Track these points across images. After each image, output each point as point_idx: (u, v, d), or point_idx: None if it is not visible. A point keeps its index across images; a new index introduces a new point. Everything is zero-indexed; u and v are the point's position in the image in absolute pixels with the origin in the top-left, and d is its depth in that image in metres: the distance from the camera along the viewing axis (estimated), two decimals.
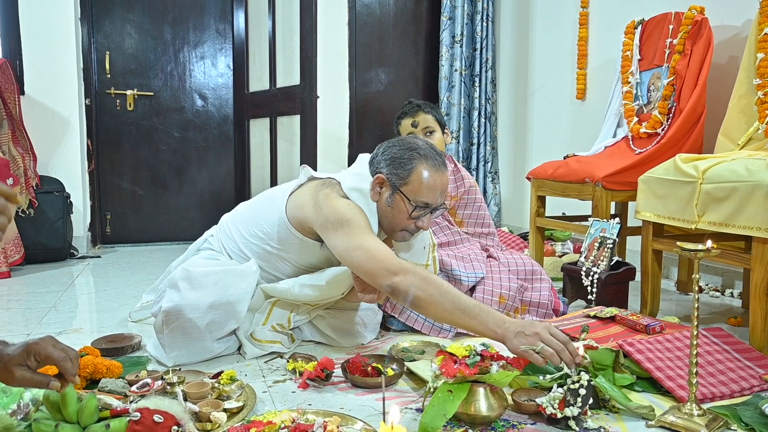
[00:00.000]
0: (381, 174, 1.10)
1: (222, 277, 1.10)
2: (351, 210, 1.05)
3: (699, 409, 0.84)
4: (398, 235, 1.13)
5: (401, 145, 1.11)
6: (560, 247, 2.23)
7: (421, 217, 1.09)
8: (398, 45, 3.02)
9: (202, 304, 1.06)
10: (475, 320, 0.91)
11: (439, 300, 0.92)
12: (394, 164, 1.09)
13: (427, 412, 0.80)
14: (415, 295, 0.93)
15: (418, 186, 1.07)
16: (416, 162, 1.07)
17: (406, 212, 1.08)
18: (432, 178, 1.07)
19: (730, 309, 1.63)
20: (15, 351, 0.67)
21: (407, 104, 1.50)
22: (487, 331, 0.90)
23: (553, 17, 2.65)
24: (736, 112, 1.53)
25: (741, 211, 1.15)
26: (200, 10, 2.82)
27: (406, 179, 1.07)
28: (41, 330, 1.38)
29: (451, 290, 0.94)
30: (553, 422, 0.85)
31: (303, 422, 0.78)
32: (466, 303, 0.92)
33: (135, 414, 0.73)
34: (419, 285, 0.93)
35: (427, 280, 0.94)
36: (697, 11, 1.73)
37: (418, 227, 1.11)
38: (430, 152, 1.10)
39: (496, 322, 0.89)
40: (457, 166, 1.55)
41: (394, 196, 1.09)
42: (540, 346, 0.83)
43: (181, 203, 2.85)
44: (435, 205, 1.10)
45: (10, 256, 2.07)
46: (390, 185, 1.09)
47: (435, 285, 0.93)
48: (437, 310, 0.94)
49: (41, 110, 2.40)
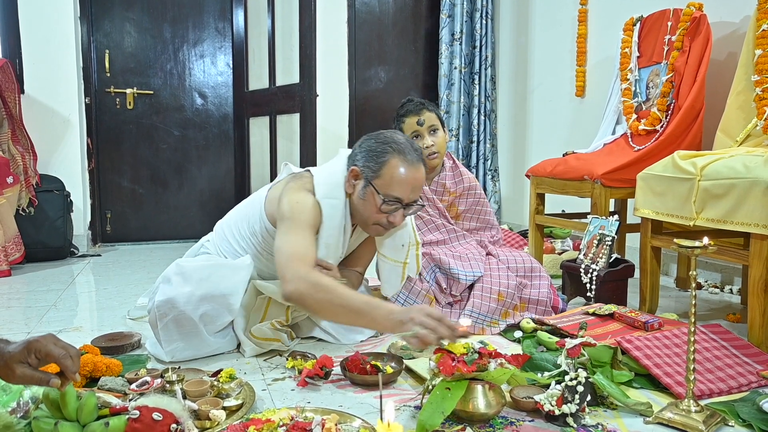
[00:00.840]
0: (356, 166, 1.10)
1: (214, 270, 1.11)
2: (300, 206, 1.06)
3: (697, 406, 0.84)
4: (371, 228, 1.13)
5: (378, 138, 1.11)
6: (560, 245, 2.23)
7: (393, 212, 1.08)
8: (398, 43, 3.01)
9: (194, 296, 1.06)
10: (366, 318, 0.94)
11: (329, 306, 0.96)
12: (369, 157, 1.09)
13: (425, 409, 0.81)
14: (306, 303, 0.98)
15: (389, 180, 1.06)
16: (390, 155, 1.07)
17: (377, 206, 1.07)
18: (404, 172, 1.06)
19: (729, 305, 1.63)
20: (16, 349, 0.67)
21: (408, 102, 1.49)
22: (378, 326, 0.95)
23: (552, 14, 2.65)
24: (735, 109, 1.53)
25: (739, 208, 1.15)
26: (199, 8, 2.81)
27: (379, 172, 1.07)
28: (41, 328, 1.38)
29: (342, 294, 0.96)
30: (551, 419, 0.85)
31: (301, 420, 0.78)
32: (355, 303, 0.94)
33: (134, 412, 0.73)
34: (309, 292, 0.96)
35: (317, 287, 0.96)
36: (696, 8, 1.73)
37: (390, 222, 1.10)
38: (407, 147, 1.09)
39: (384, 315, 0.92)
40: (456, 162, 1.55)
41: (366, 189, 1.08)
42: (415, 330, 0.86)
43: (181, 202, 2.85)
44: (407, 200, 1.08)
45: (11, 255, 2.07)
46: (363, 178, 1.09)
47: (325, 290, 0.96)
48: (330, 314, 0.99)
49: (41, 109, 2.40)
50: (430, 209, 1.48)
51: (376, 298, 1.00)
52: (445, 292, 1.36)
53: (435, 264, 1.37)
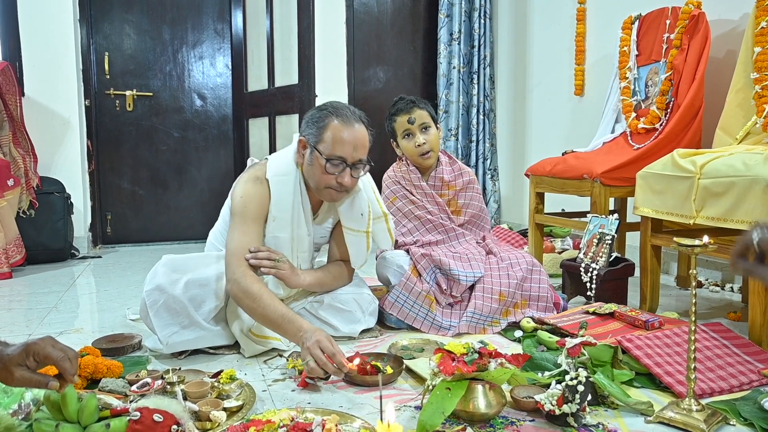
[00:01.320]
0: (303, 137, 1.17)
1: (200, 260, 1.17)
2: (245, 199, 1.15)
3: (698, 405, 0.84)
4: (324, 193, 1.17)
5: (319, 107, 1.18)
6: (559, 244, 2.23)
7: (340, 173, 1.13)
8: (396, 43, 3.01)
9: (181, 281, 1.11)
10: (280, 330, 1.05)
11: (254, 313, 1.07)
12: (311, 124, 1.16)
13: (425, 409, 0.81)
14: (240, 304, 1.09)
15: (330, 141, 1.12)
16: (329, 119, 1.13)
17: (323, 168, 1.13)
18: (343, 131, 1.12)
19: (730, 304, 1.63)
20: (14, 351, 0.68)
21: (400, 100, 1.49)
22: (289, 337, 1.05)
23: (550, 13, 2.65)
24: (734, 107, 1.53)
25: (739, 206, 1.15)
26: (198, 10, 2.82)
27: (321, 136, 1.13)
28: (42, 330, 1.39)
29: (265, 304, 1.05)
30: (552, 419, 0.85)
31: (302, 421, 0.78)
32: (273, 315, 1.05)
33: (135, 413, 0.73)
34: (240, 297, 1.08)
35: (246, 293, 1.07)
36: (694, 6, 1.72)
37: (340, 183, 1.14)
38: (345, 109, 1.15)
39: (293, 332, 1.02)
40: (452, 158, 1.56)
41: (312, 155, 1.14)
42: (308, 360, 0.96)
43: (181, 203, 2.85)
44: (351, 159, 1.13)
45: (12, 257, 2.07)
46: (309, 145, 1.15)
47: (251, 299, 1.06)
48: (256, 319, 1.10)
49: (41, 111, 2.40)
50: (430, 205, 1.48)
51: (292, 314, 1.05)
52: (445, 293, 1.36)
53: (435, 265, 1.37)
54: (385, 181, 1.53)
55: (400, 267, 1.38)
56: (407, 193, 1.49)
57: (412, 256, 1.39)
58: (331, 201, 1.20)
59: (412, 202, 1.48)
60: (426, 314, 1.32)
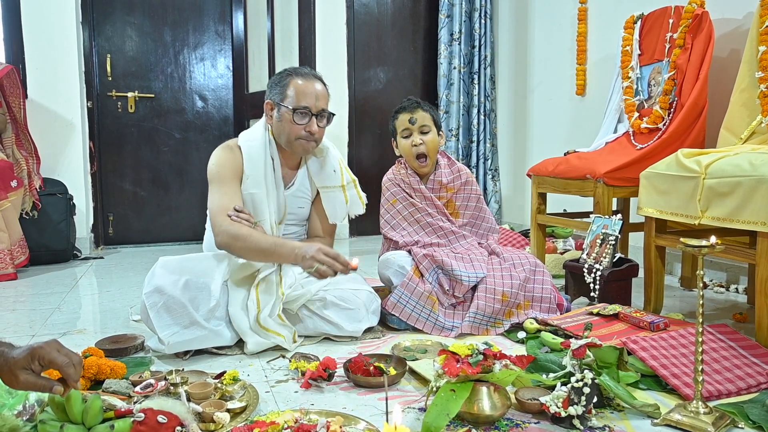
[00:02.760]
0: (268, 100, 1.29)
1: (196, 262, 1.20)
2: (218, 165, 1.25)
3: (705, 407, 0.83)
4: (296, 145, 1.27)
5: (277, 73, 1.32)
6: (561, 244, 2.22)
7: (308, 122, 1.25)
8: (396, 43, 3.01)
9: (180, 282, 1.14)
10: (275, 255, 1.16)
11: (247, 252, 1.16)
12: (273, 86, 1.29)
13: (430, 411, 0.80)
14: (230, 247, 1.17)
15: (294, 95, 1.25)
16: (289, 78, 1.27)
17: (291, 120, 1.24)
18: (304, 84, 1.25)
19: (735, 305, 1.62)
20: (20, 354, 0.68)
21: (406, 100, 1.51)
22: (285, 260, 1.17)
23: (551, 13, 2.64)
24: (739, 106, 1.52)
25: (745, 206, 1.15)
26: (199, 11, 2.82)
27: (284, 93, 1.26)
28: (46, 331, 1.39)
29: (255, 240, 1.16)
30: (558, 421, 0.85)
31: (306, 422, 0.78)
32: (265, 245, 1.16)
33: (139, 415, 0.73)
34: (231, 243, 1.17)
35: (236, 237, 1.16)
36: (698, 4, 1.72)
37: (309, 132, 1.26)
38: (301, 69, 1.31)
39: (288, 252, 1.14)
40: (451, 159, 1.56)
41: (280, 112, 1.26)
42: (316, 266, 1.08)
43: (183, 204, 2.85)
44: (315, 109, 1.26)
45: (17, 258, 2.08)
46: (275, 104, 1.28)
47: (242, 240, 1.16)
48: (251, 257, 1.18)
49: (44, 113, 2.41)
50: (430, 208, 1.48)
51: (282, 239, 1.19)
52: (447, 294, 1.35)
53: (437, 265, 1.36)
54: (385, 183, 1.53)
55: (402, 267, 1.37)
56: (407, 195, 1.48)
57: (414, 256, 1.38)
58: (304, 153, 1.30)
59: (412, 204, 1.48)
60: (428, 315, 1.32)
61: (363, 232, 2.98)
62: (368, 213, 1.38)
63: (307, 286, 1.25)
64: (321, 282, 1.22)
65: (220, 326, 1.16)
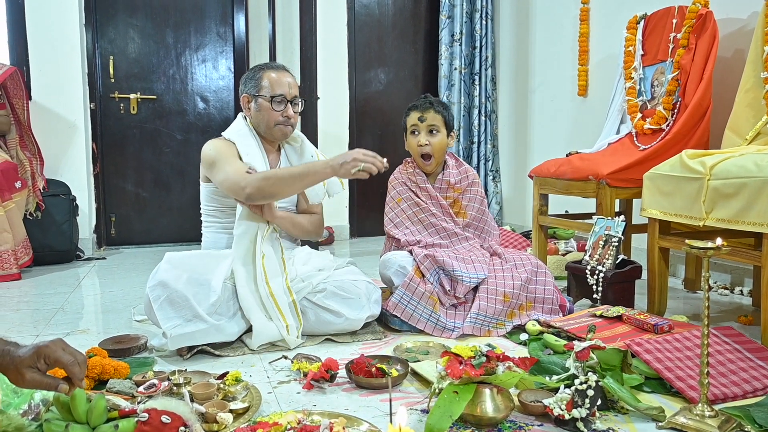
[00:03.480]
0: (244, 95, 1.39)
1: (199, 259, 1.24)
2: (218, 148, 1.32)
3: (711, 410, 0.82)
4: (276, 131, 1.37)
5: (249, 70, 1.43)
6: (563, 246, 2.21)
7: (284, 108, 1.36)
8: (397, 44, 3.01)
9: (183, 276, 1.17)
10: (310, 175, 1.24)
11: (282, 184, 1.24)
12: (247, 82, 1.39)
13: (433, 413, 0.80)
14: (265, 192, 1.24)
15: (268, 85, 1.36)
16: (261, 71, 1.38)
17: (270, 107, 1.35)
18: (277, 75, 1.37)
19: (740, 307, 1.61)
20: (26, 353, 0.68)
21: (422, 98, 1.52)
22: (321, 176, 1.24)
23: (552, 14, 2.64)
24: (744, 107, 1.51)
25: (751, 208, 1.14)
26: (201, 13, 2.83)
27: (259, 85, 1.37)
28: (49, 331, 1.39)
29: (284, 171, 1.27)
30: (561, 424, 0.84)
31: (309, 423, 0.78)
32: (297, 171, 1.26)
33: (143, 415, 0.73)
34: (263, 185, 1.23)
35: (266, 178, 1.24)
36: (702, 4, 1.71)
37: (287, 117, 1.36)
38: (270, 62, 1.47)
39: (323, 166, 1.23)
40: (458, 160, 1.57)
41: (257, 103, 1.37)
42: (361, 165, 1.18)
43: (184, 205, 2.86)
44: (289, 96, 1.37)
45: (20, 258, 2.08)
46: (252, 97, 1.38)
47: (272, 176, 1.25)
48: (286, 190, 1.27)
49: (48, 115, 2.41)
50: (434, 208, 1.48)
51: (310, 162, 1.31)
52: (448, 294, 1.35)
53: (438, 266, 1.36)
54: (391, 182, 1.53)
55: (403, 268, 1.37)
56: (412, 194, 1.49)
57: (416, 256, 1.38)
58: (283, 137, 1.40)
59: (416, 204, 1.48)
60: (429, 315, 1.32)
61: (363, 234, 2.98)
62: (368, 214, 1.39)
63: (308, 279, 1.27)
64: (321, 275, 1.28)
65: (221, 321, 1.17)
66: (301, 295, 1.26)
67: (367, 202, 2.96)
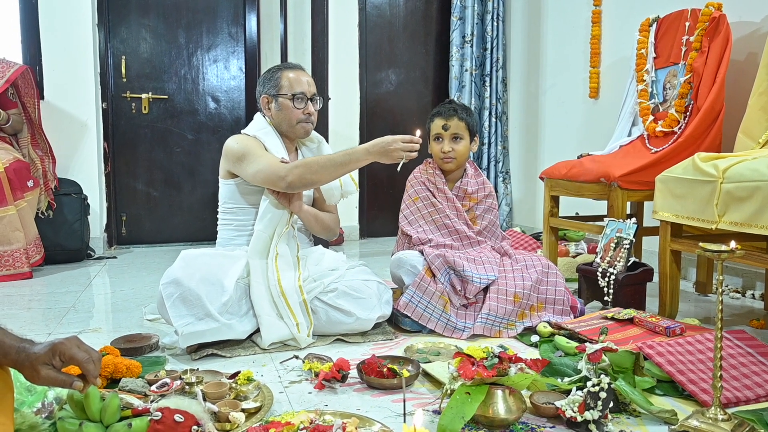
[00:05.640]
0: (264, 96, 1.41)
1: (212, 259, 1.24)
2: (243, 143, 1.34)
3: (724, 414, 0.82)
4: (298, 128, 1.39)
5: (265, 72, 1.45)
6: (574, 248, 2.20)
7: (305, 105, 1.38)
8: (408, 46, 3.02)
9: (196, 275, 1.18)
10: (350, 163, 1.26)
11: (323, 170, 1.26)
12: (266, 83, 1.41)
13: (445, 414, 0.80)
14: (306, 180, 1.26)
15: (288, 84, 1.38)
16: (279, 72, 1.40)
17: (292, 106, 1.38)
18: (295, 74, 1.40)
19: (752, 311, 1.59)
20: (41, 350, 0.69)
21: (447, 103, 1.52)
22: (362, 163, 1.27)
23: (564, 16, 2.63)
24: (756, 110, 1.50)
25: (764, 211, 1.13)
26: (213, 14, 2.85)
27: (279, 85, 1.39)
28: (61, 330, 1.41)
29: (325, 158, 1.29)
30: (573, 426, 0.84)
31: (321, 423, 0.78)
32: (337, 158, 1.27)
33: (156, 413, 0.74)
34: (304, 172, 1.25)
35: (306, 165, 1.27)
36: (715, 7, 1.70)
37: (307, 113, 1.39)
38: (287, 63, 1.50)
39: (363, 153, 1.26)
40: (477, 170, 1.57)
41: (278, 102, 1.39)
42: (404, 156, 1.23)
43: (195, 204, 2.88)
44: (309, 94, 1.39)
45: (32, 257, 2.11)
46: (272, 98, 1.40)
47: (313, 163, 1.27)
48: (325, 176, 1.28)
49: (60, 114, 2.45)
50: (449, 210, 1.48)
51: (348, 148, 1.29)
52: (459, 294, 1.35)
53: (449, 266, 1.36)
54: (410, 181, 1.54)
55: (414, 267, 1.37)
56: (429, 195, 1.49)
57: (426, 256, 1.38)
58: (305, 135, 1.42)
59: (432, 204, 1.48)
60: (440, 315, 1.32)
61: (374, 234, 2.98)
62: (378, 215, 1.40)
63: (320, 279, 1.28)
64: (333, 275, 1.31)
65: (232, 320, 1.18)
66: (312, 295, 1.26)
67: (377, 203, 2.96)
